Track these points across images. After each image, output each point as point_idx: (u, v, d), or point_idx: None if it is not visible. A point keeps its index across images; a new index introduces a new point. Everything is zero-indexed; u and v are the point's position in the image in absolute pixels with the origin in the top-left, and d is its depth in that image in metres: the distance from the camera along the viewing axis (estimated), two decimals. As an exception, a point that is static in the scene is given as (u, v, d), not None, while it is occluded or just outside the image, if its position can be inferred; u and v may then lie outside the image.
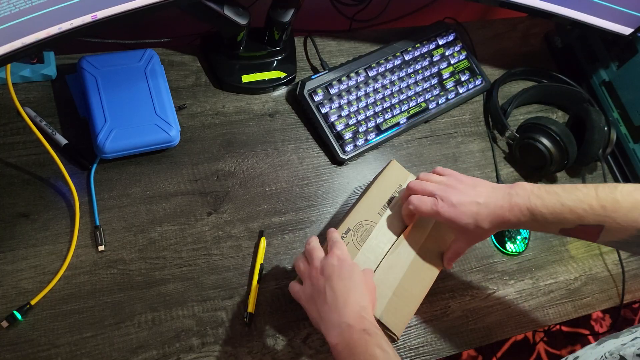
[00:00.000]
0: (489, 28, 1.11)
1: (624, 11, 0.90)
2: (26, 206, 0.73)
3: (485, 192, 0.67)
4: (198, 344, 0.71)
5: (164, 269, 0.74)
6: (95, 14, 0.64)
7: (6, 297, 0.67)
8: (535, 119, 0.95)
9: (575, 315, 0.90)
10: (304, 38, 0.97)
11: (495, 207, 0.65)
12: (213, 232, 0.78)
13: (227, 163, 0.83)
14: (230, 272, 0.76)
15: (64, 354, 0.67)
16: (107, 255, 0.73)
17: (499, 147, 1.00)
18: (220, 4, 0.78)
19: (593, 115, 0.93)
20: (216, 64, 0.88)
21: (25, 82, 0.79)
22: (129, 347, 0.69)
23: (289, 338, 0.75)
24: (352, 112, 0.90)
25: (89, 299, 0.70)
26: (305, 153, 0.88)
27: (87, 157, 0.77)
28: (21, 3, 0.56)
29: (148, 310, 0.71)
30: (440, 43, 1.01)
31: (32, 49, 0.61)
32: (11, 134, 0.76)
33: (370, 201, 0.75)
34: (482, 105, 1.03)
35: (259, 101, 0.90)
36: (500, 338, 0.84)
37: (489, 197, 0.66)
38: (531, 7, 0.92)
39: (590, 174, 1.03)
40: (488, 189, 0.68)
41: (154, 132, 0.77)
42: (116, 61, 0.79)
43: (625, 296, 0.94)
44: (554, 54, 1.13)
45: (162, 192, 0.79)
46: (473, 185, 0.69)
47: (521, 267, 0.90)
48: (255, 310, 0.75)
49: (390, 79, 0.94)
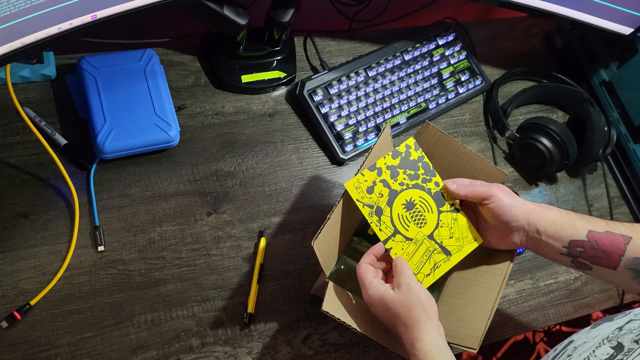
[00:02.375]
0: (489, 28, 1.11)
1: (624, 11, 0.90)
2: (26, 206, 0.72)
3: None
4: (198, 345, 0.71)
5: (164, 270, 0.74)
6: (94, 14, 0.64)
7: (6, 297, 0.67)
8: (535, 119, 0.95)
9: (575, 315, 0.90)
10: (303, 38, 0.97)
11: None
12: (213, 233, 0.78)
13: (227, 163, 0.83)
14: (230, 273, 0.76)
15: (63, 354, 0.67)
16: (107, 255, 0.73)
17: (499, 147, 1.00)
18: (220, 4, 0.78)
19: (593, 115, 0.93)
20: (216, 64, 0.88)
21: (24, 82, 0.79)
22: (129, 347, 0.69)
23: (288, 338, 0.75)
24: (352, 112, 0.90)
25: (89, 299, 0.70)
26: (305, 153, 0.88)
27: (86, 157, 0.76)
28: (21, 3, 0.56)
29: (148, 311, 0.71)
30: (440, 43, 1.01)
31: (32, 49, 0.61)
32: (11, 134, 0.76)
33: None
34: (482, 105, 1.03)
35: (259, 101, 0.90)
36: (500, 338, 0.84)
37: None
38: (531, 7, 0.91)
39: (590, 174, 1.03)
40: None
41: (153, 132, 0.77)
42: (116, 61, 0.79)
43: (625, 296, 0.94)
44: (554, 54, 1.13)
45: (162, 192, 0.79)
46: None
47: (521, 267, 0.90)
48: (255, 311, 0.75)
49: (390, 79, 0.94)
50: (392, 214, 0.68)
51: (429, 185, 0.70)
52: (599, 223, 0.66)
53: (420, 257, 0.68)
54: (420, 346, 0.58)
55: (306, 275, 0.79)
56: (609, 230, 0.65)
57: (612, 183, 1.04)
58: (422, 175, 0.70)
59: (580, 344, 0.53)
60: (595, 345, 0.51)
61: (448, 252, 0.70)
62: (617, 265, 0.64)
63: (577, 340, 0.55)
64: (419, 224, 0.69)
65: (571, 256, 0.66)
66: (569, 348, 0.55)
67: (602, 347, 0.50)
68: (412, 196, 0.69)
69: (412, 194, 0.69)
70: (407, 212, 0.68)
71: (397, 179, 0.69)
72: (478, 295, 0.71)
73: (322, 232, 0.64)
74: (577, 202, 0.99)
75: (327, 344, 0.76)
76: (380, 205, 0.67)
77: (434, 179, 0.71)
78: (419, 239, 0.68)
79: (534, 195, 0.97)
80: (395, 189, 0.69)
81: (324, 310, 0.62)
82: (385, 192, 0.68)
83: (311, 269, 0.80)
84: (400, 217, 0.68)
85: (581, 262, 0.66)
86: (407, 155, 0.70)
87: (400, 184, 0.69)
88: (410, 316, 0.60)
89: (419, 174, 0.70)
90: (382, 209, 0.67)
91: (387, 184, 0.68)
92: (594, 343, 0.52)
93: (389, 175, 0.68)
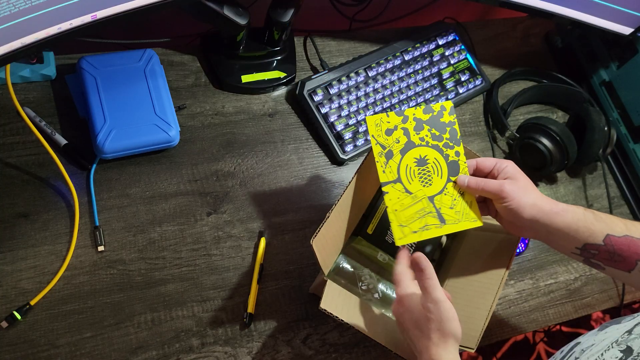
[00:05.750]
0: (489, 28, 1.11)
1: (624, 11, 0.90)
2: (26, 206, 0.72)
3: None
4: (198, 345, 0.71)
5: (164, 270, 0.74)
6: (94, 14, 0.64)
7: (6, 297, 0.67)
8: (535, 119, 0.95)
9: (575, 315, 0.90)
10: (303, 38, 0.97)
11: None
12: (213, 233, 0.78)
13: (227, 163, 0.83)
14: (230, 273, 0.76)
15: (63, 354, 0.67)
16: (107, 255, 0.73)
17: (499, 147, 1.00)
18: (220, 4, 0.78)
19: (593, 115, 0.93)
20: (216, 64, 0.88)
21: (24, 82, 0.79)
22: (129, 347, 0.69)
23: (288, 338, 0.75)
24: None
25: (89, 299, 0.70)
26: (305, 153, 0.88)
27: (86, 157, 0.76)
28: (21, 3, 0.56)
29: (148, 311, 0.71)
30: (440, 43, 1.01)
31: (32, 49, 0.61)
32: (11, 134, 0.76)
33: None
34: (482, 105, 1.03)
35: (259, 101, 0.90)
36: (500, 338, 0.84)
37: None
38: (531, 7, 0.91)
39: (591, 174, 1.03)
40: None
41: (153, 132, 0.77)
42: (116, 61, 0.79)
43: (625, 296, 0.94)
44: (554, 54, 1.13)
45: (162, 192, 0.79)
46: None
47: (521, 267, 0.90)
48: (255, 311, 0.75)
49: (390, 79, 0.94)
50: (401, 163, 0.66)
51: (448, 152, 0.69)
52: (617, 225, 0.64)
53: (412, 213, 0.67)
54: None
55: (306, 275, 0.79)
56: (627, 234, 0.63)
57: (612, 183, 1.04)
58: (445, 140, 0.69)
59: (588, 346, 0.53)
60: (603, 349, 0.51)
61: (443, 219, 0.68)
62: (632, 268, 0.63)
63: (584, 342, 0.55)
64: (423, 182, 0.67)
65: (584, 256, 0.66)
66: (575, 350, 0.54)
67: (611, 351, 0.49)
68: (427, 154, 0.68)
69: (428, 152, 0.68)
70: (416, 167, 0.67)
71: (420, 134, 0.68)
72: (476, 295, 0.71)
73: (321, 231, 0.64)
74: (577, 202, 0.99)
75: (327, 344, 0.76)
76: (392, 149, 0.66)
77: (457, 147, 0.69)
78: (418, 195, 0.67)
79: (534, 195, 0.97)
80: (414, 141, 0.67)
81: (322, 308, 0.63)
82: (403, 139, 0.67)
83: (311, 268, 0.80)
84: (408, 169, 0.67)
85: (594, 263, 0.65)
86: (439, 115, 0.69)
87: (421, 139, 0.68)
88: (441, 331, 0.58)
89: (443, 137, 0.69)
90: (393, 153, 0.66)
91: (408, 133, 0.67)
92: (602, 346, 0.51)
93: (413, 127, 0.67)
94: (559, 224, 0.64)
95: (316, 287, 0.76)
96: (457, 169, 0.69)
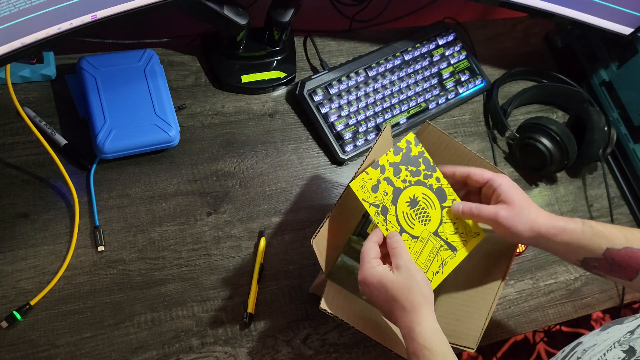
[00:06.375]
0: (489, 28, 1.11)
1: (624, 11, 0.90)
2: (26, 206, 0.72)
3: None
4: (198, 345, 0.71)
5: (164, 269, 0.74)
6: (94, 13, 0.64)
7: (6, 297, 0.67)
8: (535, 119, 0.95)
9: (575, 315, 0.90)
10: (303, 38, 0.97)
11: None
12: (213, 233, 0.78)
13: (227, 163, 0.83)
14: (230, 273, 0.76)
15: (63, 354, 0.67)
16: (107, 255, 0.73)
17: (499, 147, 1.00)
18: (220, 4, 0.78)
19: (593, 115, 0.93)
20: (216, 64, 0.88)
21: (24, 82, 0.79)
22: (129, 347, 0.69)
23: (288, 338, 0.75)
24: (352, 112, 0.90)
25: (89, 299, 0.70)
26: (305, 153, 0.88)
27: (86, 157, 0.76)
28: (21, 3, 0.56)
29: (148, 311, 0.71)
30: (440, 43, 1.01)
31: (32, 49, 0.61)
32: (11, 134, 0.76)
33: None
34: (482, 105, 1.03)
35: (259, 101, 0.90)
36: (500, 338, 0.84)
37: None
38: (531, 7, 0.91)
39: (591, 174, 1.03)
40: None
41: (153, 132, 0.77)
42: (116, 61, 0.79)
43: (625, 296, 0.94)
44: (554, 54, 1.13)
45: (162, 192, 0.79)
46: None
47: (521, 267, 0.90)
48: (255, 311, 0.75)
49: (390, 79, 0.94)
50: (397, 213, 0.67)
51: (430, 181, 0.70)
52: (617, 238, 0.63)
53: (427, 255, 0.68)
54: (419, 330, 0.58)
55: (306, 275, 0.79)
56: (627, 246, 0.63)
57: (612, 183, 1.04)
58: (423, 172, 0.70)
59: (590, 346, 0.53)
60: (605, 349, 0.51)
61: (454, 248, 0.69)
62: (634, 277, 0.63)
63: (585, 342, 0.55)
64: (423, 221, 0.69)
65: (585, 267, 0.66)
66: (577, 350, 0.54)
67: (613, 351, 0.49)
68: (415, 193, 0.69)
69: (415, 190, 0.69)
70: (411, 210, 0.68)
71: (400, 176, 0.69)
72: (476, 295, 0.71)
73: (321, 231, 0.64)
74: (577, 202, 0.99)
75: (327, 344, 0.76)
76: (385, 204, 0.67)
77: (435, 174, 0.71)
78: (424, 236, 0.68)
79: (534, 195, 0.97)
80: (399, 186, 0.68)
81: (322, 308, 0.63)
82: (389, 190, 0.68)
83: (311, 268, 0.80)
84: (405, 215, 0.68)
85: (595, 272, 0.66)
86: (408, 151, 0.70)
87: (403, 181, 0.69)
88: (410, 299, 0.59)
89: (420, 170, 0.70)
90: (387, 208, 0.67)
91: (391, 182, 0.68)
92: (604, 346, 0.51)
93: (392, 172, 0.68)
94: (557, 244, 0.65)
95: (316, 287, 0.76)
96: (444, 193, 0.71)
